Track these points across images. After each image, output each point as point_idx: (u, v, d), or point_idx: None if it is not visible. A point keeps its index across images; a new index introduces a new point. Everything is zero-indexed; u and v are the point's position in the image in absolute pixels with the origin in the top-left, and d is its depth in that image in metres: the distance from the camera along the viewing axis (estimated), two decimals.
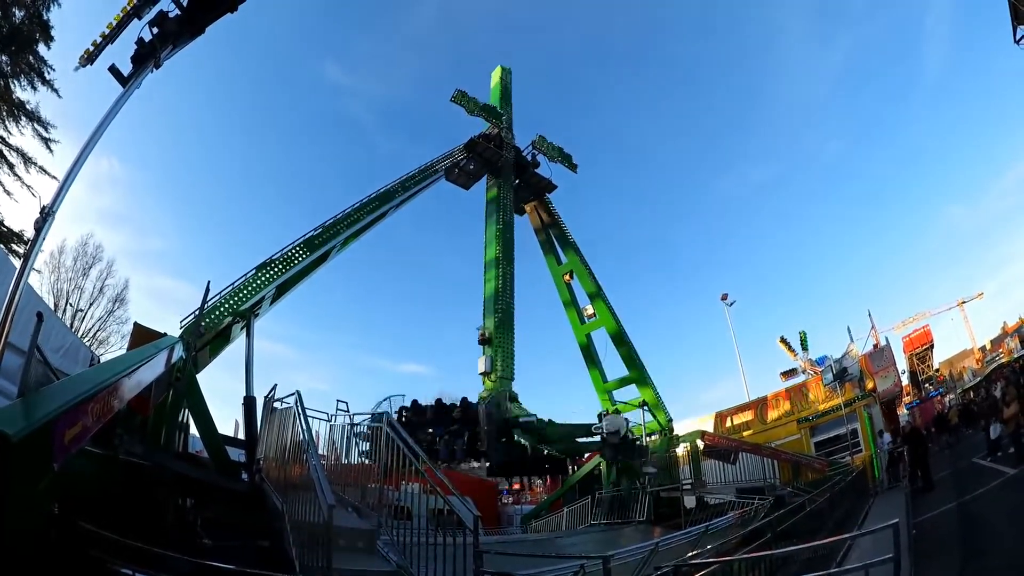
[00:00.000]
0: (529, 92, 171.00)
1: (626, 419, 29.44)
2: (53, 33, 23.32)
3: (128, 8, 11.00)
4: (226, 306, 18.22)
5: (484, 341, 31.60)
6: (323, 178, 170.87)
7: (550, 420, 30.08)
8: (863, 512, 18.62)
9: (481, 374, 31.04)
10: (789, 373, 55.10)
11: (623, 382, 34.32)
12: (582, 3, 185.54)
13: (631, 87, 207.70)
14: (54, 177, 24.92)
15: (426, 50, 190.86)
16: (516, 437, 28.49)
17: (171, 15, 11.35)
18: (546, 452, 30.42)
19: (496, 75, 39.65)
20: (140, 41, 11.09)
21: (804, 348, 55.95)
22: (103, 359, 18.67)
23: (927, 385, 67.68)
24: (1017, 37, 38.68)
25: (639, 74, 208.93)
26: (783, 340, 58.98)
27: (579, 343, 36.63)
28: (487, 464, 31.49)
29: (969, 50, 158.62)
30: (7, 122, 24.04)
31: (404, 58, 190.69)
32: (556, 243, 37.65)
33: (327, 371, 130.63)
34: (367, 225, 26.10)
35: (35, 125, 24.71)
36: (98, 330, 37.09)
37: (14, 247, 23.52)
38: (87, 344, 22.28)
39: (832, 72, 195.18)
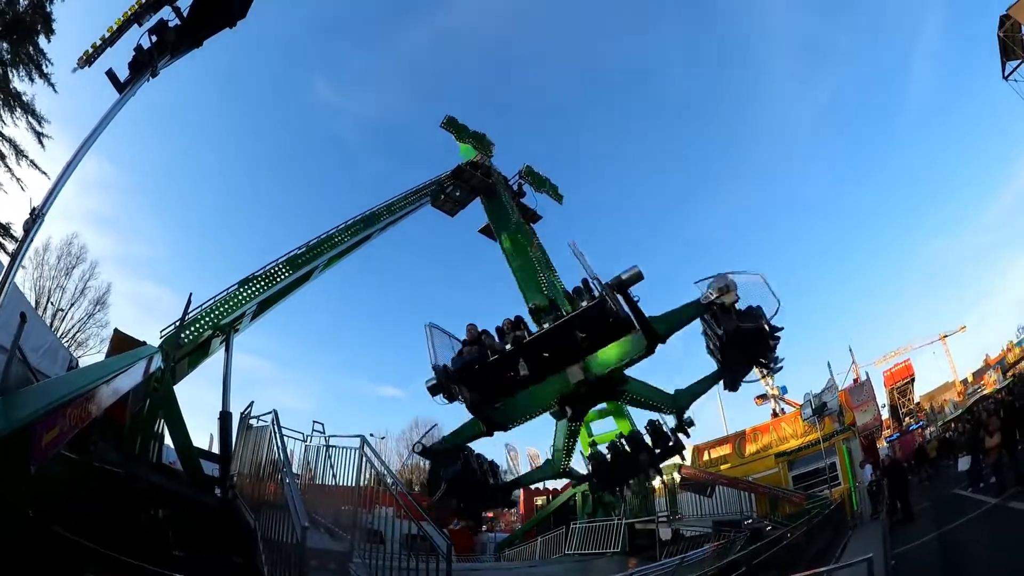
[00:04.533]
0: (516, 123, 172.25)
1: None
2: (54, 27, 23.17)
3: (129, 13, 11.02)
4: (207, 319, 18.00)
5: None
6: (308, 194, 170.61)
7: None
8: (841, 545, 18.62)
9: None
10: (762, 398, 55.61)
11: (602, 414, 34.10)
12: (575, 36, 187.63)
13: (617, 120, 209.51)
14: (44, 173, 24.54)
15: (417, 75, 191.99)
16: None
17: (171, 24, 11.39)
18: None
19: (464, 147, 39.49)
20: (139, 48, 11.12)
21: (771, 376, 56.59)
22: (81, 362, 18.43)
23: (908, 418, 68.21)
24: (1006, 73, 39.67)
25: (625, 108, 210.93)
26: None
27: None
28: None
29: (954, 87, 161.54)
30: (2, 112, 23.77)
31: (395, 81, 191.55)
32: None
33: (306, 389, 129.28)
34: (351, 247, 25.88)
35: (29, 118, 24.30)
36: (77, 331, 36.62)
37: (1, 241, 23.22)
38: (66, 345, 22.00)
39: (817, 108, 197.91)
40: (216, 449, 15.94)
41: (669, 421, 22.75)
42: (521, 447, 70.42)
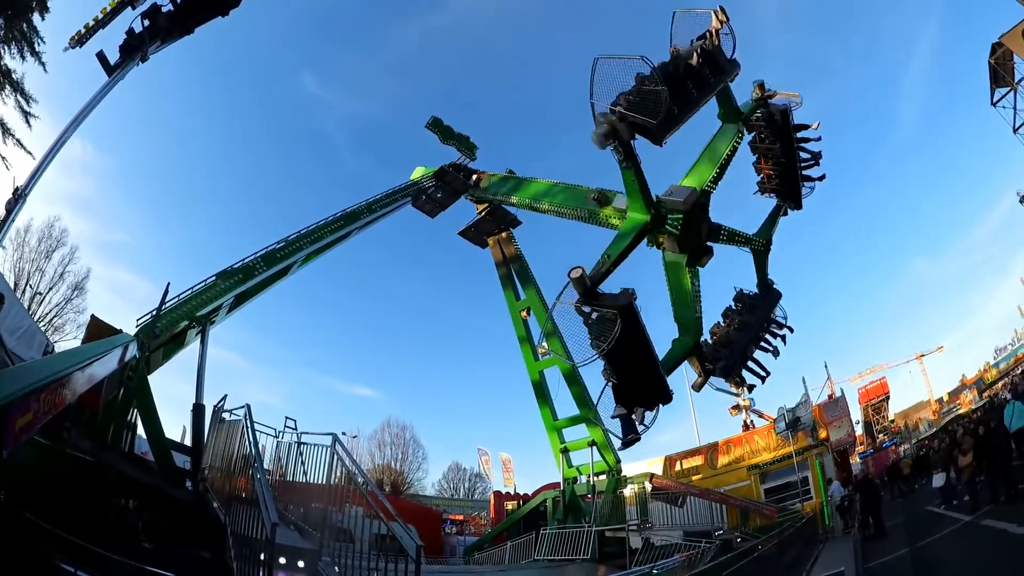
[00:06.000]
0: (502, 127, 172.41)
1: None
2: (48, 4, 22.78)
3: None
4: (183, 310, 17.73)
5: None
6: (289, 188, 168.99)
7: None
8: (812, 558, 18.76)
9: None
10: (736, 408, 56.20)
11: (573, 421, 34.09)
12: (561, 49, 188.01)
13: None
14: (30, 153, 24.14)
15: (404, 75, 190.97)
16: None
17: (164, 9, 11.30)
18: None
19: (418, 173, 39.39)
20: (130, 32, 11.02)
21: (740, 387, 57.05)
22: (58, 347, 18.26)
23: (881, 435, 68.90)
24: (995, 99, 40.47)
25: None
26: None
27: (532, 379, 36.19)
28: None
29: (944, 110, 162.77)
30: None
31: (382, 79, 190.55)
32: (516, 278, 37.41)
33: (278, 385, 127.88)
34: (330, 244, 25.71)
35: (18, 96, 23.93)
36: (55, 316, 36.29)
37: None
38: (43, 330, 21.70)
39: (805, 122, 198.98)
40: (188, 441, 15.83)
41: None
42: (493, 451, 70.47)
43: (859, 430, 60.96)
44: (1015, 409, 19.12)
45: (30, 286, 34.20)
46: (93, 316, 14.92)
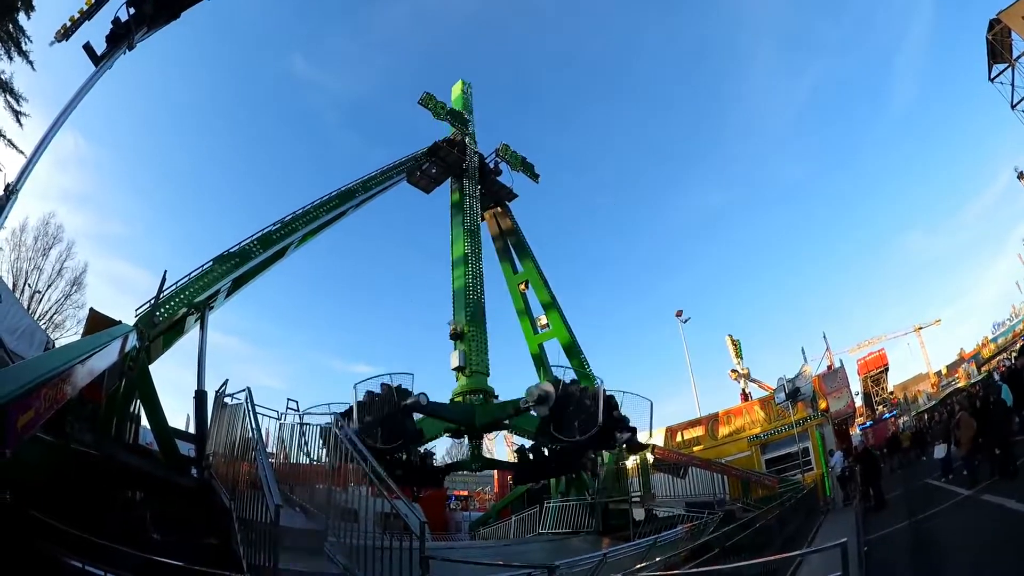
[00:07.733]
0: (495, 103, 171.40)
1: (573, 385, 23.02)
2: (33, 2, 22.58)
3: None
4: (181, 297, 17.71)
5: (456, 336, 30.06)
6: (283, 171, 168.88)
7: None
8: (813, 529, 18.88)
9: (454, 369, 29.29)
10: (735, 372, 57.06)
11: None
12: (557, 25, 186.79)
13: (596, 106, 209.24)
14: (21, 152, 23.98)
15: (395, 52, 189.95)
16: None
17: None
18: None
19: (457, 88, 39.49)
20: (116, 21, 10.88)
21: (739, 356, 57.98)
22: (58, 343, 18.25)
23: (881, 407, 69.23)
24: (992, 75, 40.39)
25: (605, 95, 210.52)
26: (730, 336, 61.68)
27: (531, 352, 36.33)
28: None
29: (938, 88, 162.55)
30: None
31: (373, 58, 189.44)
32: (513, 252, 37.32)
33: (281, 367, 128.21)
34: (325, 223, 25.69)
35: (7, 96, 23.84)
36: (54, 313, 36.23)
37: None
38: (43, 327, 21.71)
39: (799, 101, 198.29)
40: (192, 429, 15.87)
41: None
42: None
43: (858, 401, 61.47)
44: (1003, 391, 19.36)
45: (28, 285, 34.17)
46: (92, 309, 14.90)
